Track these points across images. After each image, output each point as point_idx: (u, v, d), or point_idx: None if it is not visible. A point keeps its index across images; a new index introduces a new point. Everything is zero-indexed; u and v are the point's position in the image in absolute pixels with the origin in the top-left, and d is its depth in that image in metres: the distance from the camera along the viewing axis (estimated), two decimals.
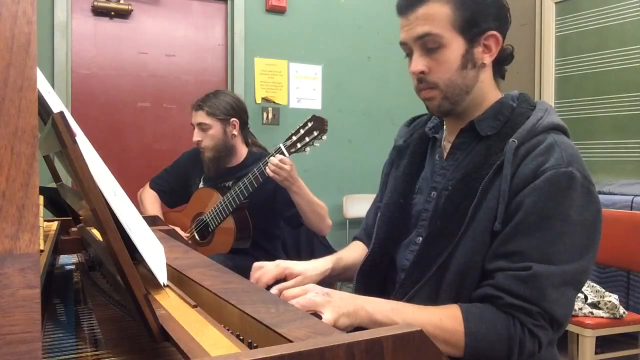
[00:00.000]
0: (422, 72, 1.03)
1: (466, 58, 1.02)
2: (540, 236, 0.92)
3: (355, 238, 1.35)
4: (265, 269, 1.10)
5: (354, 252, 1.29)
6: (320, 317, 0.82)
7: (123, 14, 3.30)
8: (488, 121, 1.04)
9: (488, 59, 1.03)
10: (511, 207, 0.95)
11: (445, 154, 1.11)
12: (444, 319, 0.91)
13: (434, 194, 1.08)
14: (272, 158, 1.90)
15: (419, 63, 1.03)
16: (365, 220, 1.33)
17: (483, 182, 0.97)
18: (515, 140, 0.98)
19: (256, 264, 1.12)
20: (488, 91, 1.07)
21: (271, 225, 2.24)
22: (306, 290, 0.91)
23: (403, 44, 1.05)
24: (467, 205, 0.98)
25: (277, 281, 1.08)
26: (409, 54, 1.06)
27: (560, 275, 0.91)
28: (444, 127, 1.15)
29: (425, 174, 1.14)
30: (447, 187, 1.04)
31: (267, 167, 1.91)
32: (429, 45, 1.01)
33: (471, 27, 1.00)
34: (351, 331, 0.65)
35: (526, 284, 0.90)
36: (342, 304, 0.88)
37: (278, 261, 1.13)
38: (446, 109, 1.06)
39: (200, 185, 2.33)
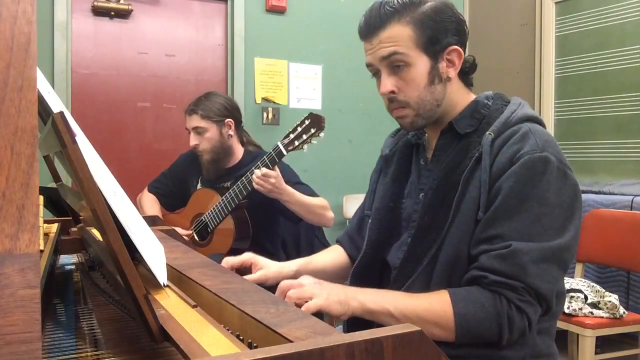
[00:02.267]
0: (392, 92, 1.07)
1: (432, 74, 1.06)
2: (519, 219, 0.95)
3: (337, 241, 1.38)
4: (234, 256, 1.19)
5: (327, 256, 1.32)
6: (320, 317, 0.82)
7: (123, 14, 3.30)
8: (466, 120, 1.08)
9: (453, 73, 1.08)
10: (491, 194, 0.98)
11: (429, 158, 1.14)
12: (433, 302, 0.95)
13: (422, 195, 1.11)
14: (256, 171, 1.91)
15: (387, 84, 1.07)
16: (350, 224, 1.36)
17: (464, 174, 1.01)
18: (492, 133, 1.02)
19: (226, 258, 1.19)
20: (459, 99, 1.11)
21: (271, 224, 2.24)
22: (300, 282, 0.96)
23: (369, 65, 1.10)
24: (451, 197, 1.01)
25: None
26: (375, 74, 1.10)
27: (539, 251, 0.93)
28: (426, 133, 1.18)
29: (412, 179, 1.17)
30: (432, 186, 1.07)
31: (253, 178, 1.91)
32: (396, 63, 1.05)
33: (433, 45, 1.05)
34: (351, 331, 0.65)
35: (506, 260, 0.93)
36: (334, 292, 0.93)
37: (248, 253, 1.21)
38: (419, 125, 1.11)
39: (199, 186, 2.33)
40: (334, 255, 1.32)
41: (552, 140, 1.01)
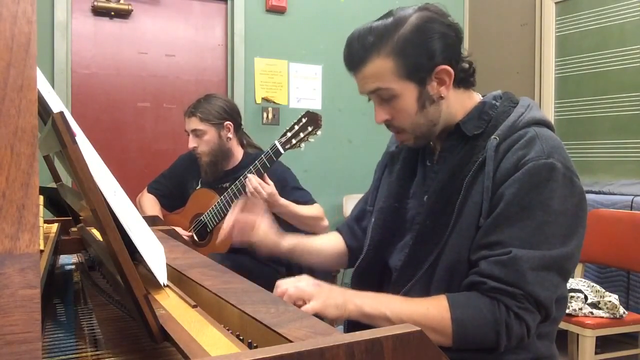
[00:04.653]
0: (387, 120, 1.07)
1: (422, 99, 1.03)
2: (521, 226, 0.93)
3: (337, 229, 1.38)
4: None
5: (325, 239, 1.34)
6: (321, 318, 0.82)
7: (123, 14, 3.30)
8: (473, 122, 1.06)
9: (445, 91, 1.04)
10: (494, 201, 0.97)
11: (435, 158, 1.13)
12: (430, 308, 0.94)
13: (426, 197, 1.09)
14: (253, 177, 1.89)
15: (380, 114, 1.07)
16: (351, 213, 1.36)
17: (467, 178, 1.00)
18: (497, 137, 0.99)
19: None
20: (459, 107, 1.08)
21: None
22: (299, 280, 0.95)
23: (361, 94, 1.09)
24: (454, 202, 1.00)
25: None
26: (370, 100, 1.09)
27: (539, 259, 0.92)
28: None
29: (417, 179, 1.16)
30: (436, 189, 1.06)
31: (247, 183, 1.91)
32: (383, 97, 1.04)
33: (418, 71, 1.01)
34: (351, 331, 0.65)
35: (506, 267, 0.92)
36: (331, 295, 0.92)
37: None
38: (423, 143, 1.11)
39: (198, 187, 2.32)
40: (331, 240, 1.33)
41: (560, 146, 0.98)
